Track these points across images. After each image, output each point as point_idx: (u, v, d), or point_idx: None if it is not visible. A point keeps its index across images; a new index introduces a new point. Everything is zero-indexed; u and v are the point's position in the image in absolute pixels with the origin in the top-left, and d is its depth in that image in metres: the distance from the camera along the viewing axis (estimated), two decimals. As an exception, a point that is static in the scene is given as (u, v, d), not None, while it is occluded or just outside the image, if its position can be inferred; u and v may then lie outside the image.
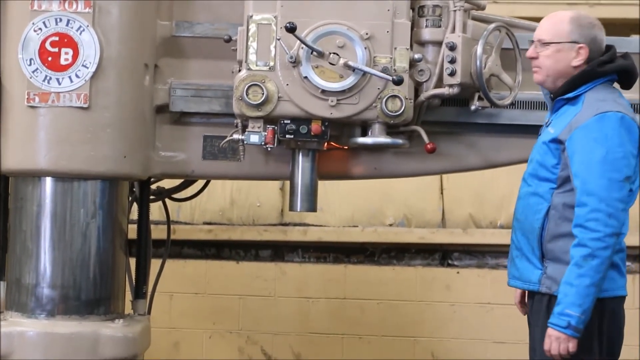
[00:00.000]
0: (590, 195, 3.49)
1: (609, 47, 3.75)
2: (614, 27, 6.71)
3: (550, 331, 3.52)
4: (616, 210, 3.47)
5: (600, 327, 3.59)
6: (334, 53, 3.91)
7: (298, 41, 3.92)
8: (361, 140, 4.12)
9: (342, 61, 3.91)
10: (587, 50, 3.67)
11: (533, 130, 4.02)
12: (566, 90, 3.70)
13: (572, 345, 3.49)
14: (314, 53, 3.90)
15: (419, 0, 4.12)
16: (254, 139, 4.02)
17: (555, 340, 3.50)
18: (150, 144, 4.19)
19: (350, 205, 6.95)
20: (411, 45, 4.01)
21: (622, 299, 3.67)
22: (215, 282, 6.86)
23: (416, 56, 4.01)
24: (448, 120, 4.28)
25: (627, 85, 3.78)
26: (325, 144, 4.16)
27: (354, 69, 3.91)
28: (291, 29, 3.83)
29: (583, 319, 3.47)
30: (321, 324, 6.81)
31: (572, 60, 3.69)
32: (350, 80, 3.93)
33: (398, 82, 3.88)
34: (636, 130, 3.57)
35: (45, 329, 3.94)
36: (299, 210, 4.17)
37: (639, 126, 3.59)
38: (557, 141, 3.65)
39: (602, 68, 3.67)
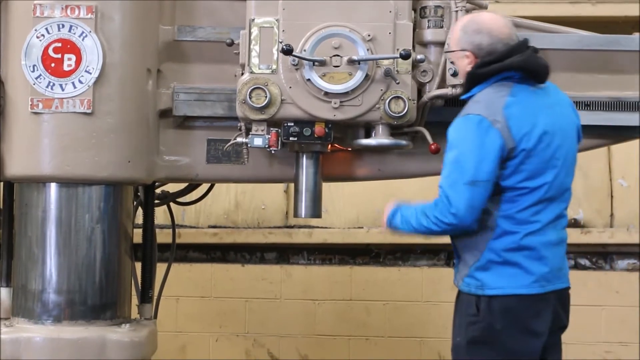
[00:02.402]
0: (440, 187, 3.63)
1: (518, 47, 3.72)
2: (616, 25, 6.76)
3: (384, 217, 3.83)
4: (458, 210, 3.55)
5: (492, 324, 3.60)
6: (334, 55, 3.92)
7: (300, 43, 3.93)
8: (365, 141, 4.12)
9: (345, 58, 3.92)
10: (473, 56, 3.71)
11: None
12: (462, 94, 3.78)
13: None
14: (316, 64, 3.90)
15: (420, 1, 4.12)
16: (258, 142, 4.02)
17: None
18: (154, 149, 4.20)
19: (355, 206, 6.96)
20: (413, 46, 4.02)
21: (526, 297, 3.62)
22: (221, 285, 6.86)
23: (419, 57, 4.01)
24: (451, 120, 4.26)
25: (537, 80, 3.72)
26: (329, 145, 4.16)
27: (358, 62, 3.92)
28: (287, 51, 3.85)
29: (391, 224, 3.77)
30: (327, 325, 6.81)
31: (466, 67, 3.74)
32: (353, 82, 3.93)
33: (405, 56, 3.87)
34: (493, 132, 3.55)
35: (52, 334, 3.95)
36: (303, 216, 4.19)
37: (504, 127, 3.57)
38: None
39: (483, 69, 3.67)
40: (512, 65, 3.67)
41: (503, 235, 3.61)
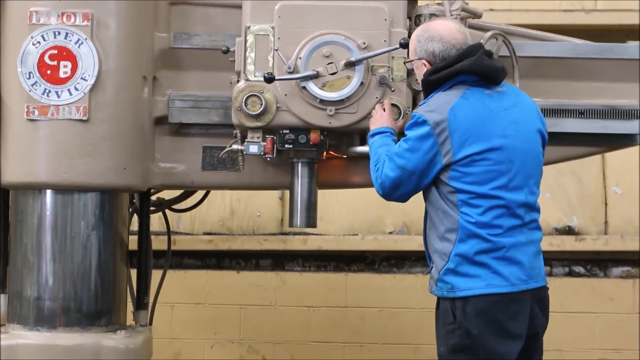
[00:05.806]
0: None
1: (469, 51, 3.74)
2: (611, 33, 6.78)
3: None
4: (383, 181, 3.72)
5: (469, 330, 3.62)
6: (328, 64, 3.93)
7: (296, 51, 3.94)
8: (360, 149, 4.14)
9: (342, 62, 3.92)
10: (429, 64, 3.75)
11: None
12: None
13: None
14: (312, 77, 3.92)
15: (415, 9, 4.14)
16: (253, 149, 4.03)
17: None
18: (150, 156, 4.20)
19: (350, 213, 6.96)
20: (408, 54, 4.03)
21: (498, 298, 3.62)
22: (216, 292, 6.86)
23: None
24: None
25: (490, 82, 3.73)
26: (324, 153, 4.17)
27: (355, 63, 3.92)
28: (269, 79, 3.86)
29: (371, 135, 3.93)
30: (322, 332, 6.81)
31: (423, 75, 3.78)
32: (348, 90, 3.94)
33: (405, 44, 3.87)
34: (431, 140, 3.60)
35: (47, 341, 3.95)
36: (298, 226, 4.19)
37: (443, 132, 3.62)
38: None
39: (434, 76, 3.72)
40: (462, 69, 3.68)
41: (468, 238, 3.62)
